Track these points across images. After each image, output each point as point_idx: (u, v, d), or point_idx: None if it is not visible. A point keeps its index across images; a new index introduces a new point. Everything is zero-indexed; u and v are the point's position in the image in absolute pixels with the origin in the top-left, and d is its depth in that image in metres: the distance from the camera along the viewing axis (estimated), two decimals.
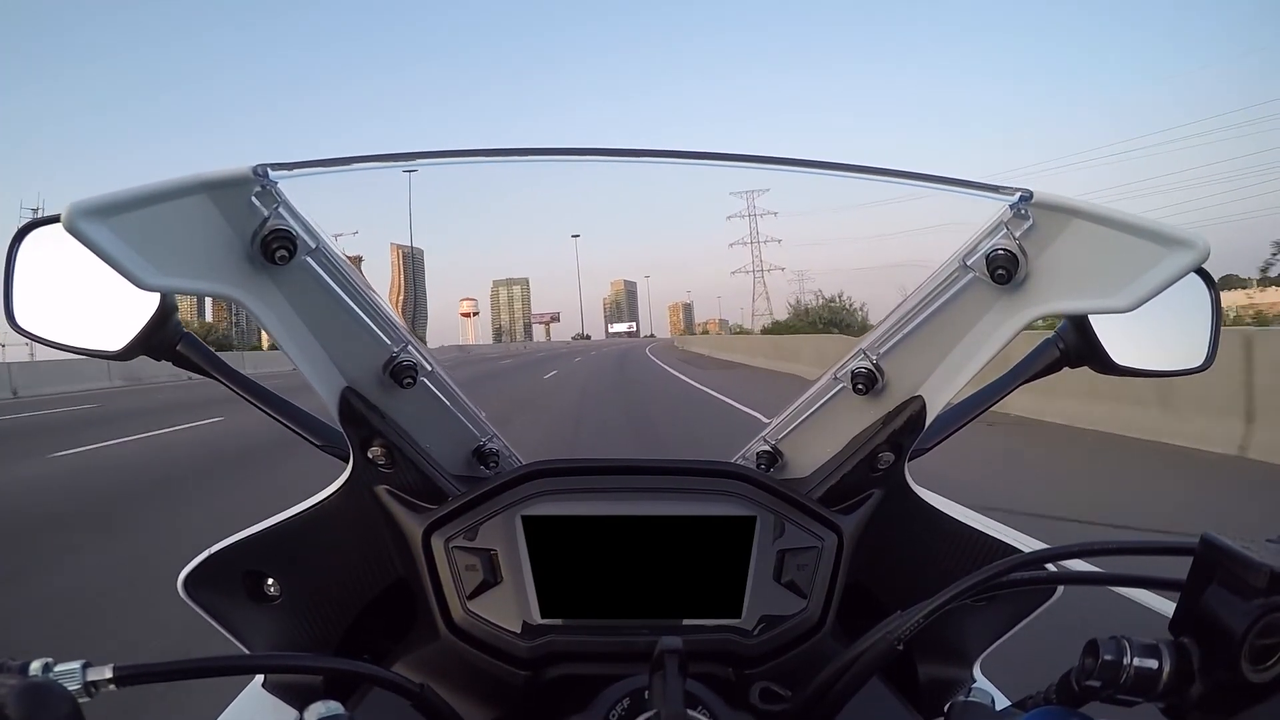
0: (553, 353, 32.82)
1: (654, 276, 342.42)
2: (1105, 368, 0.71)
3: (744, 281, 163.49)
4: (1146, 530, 3.78)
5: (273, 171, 0.56)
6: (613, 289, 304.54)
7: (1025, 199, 0.58)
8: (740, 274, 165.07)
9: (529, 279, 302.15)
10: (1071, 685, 0.47)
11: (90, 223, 0.47)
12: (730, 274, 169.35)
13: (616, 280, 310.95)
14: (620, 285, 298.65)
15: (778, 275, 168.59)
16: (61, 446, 7.81)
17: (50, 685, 0.38)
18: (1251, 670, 0.39)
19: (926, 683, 0.77)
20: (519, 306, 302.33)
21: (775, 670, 0.65)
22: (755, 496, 0.68)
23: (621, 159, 0.62)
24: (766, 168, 0.66)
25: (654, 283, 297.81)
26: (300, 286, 0.63)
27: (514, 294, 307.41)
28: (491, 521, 0.67)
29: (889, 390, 0.71)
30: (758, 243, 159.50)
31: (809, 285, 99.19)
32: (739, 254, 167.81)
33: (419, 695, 0.51)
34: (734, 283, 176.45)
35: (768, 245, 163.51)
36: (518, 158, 0.61)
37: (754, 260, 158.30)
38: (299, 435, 0.78)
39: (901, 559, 0.76)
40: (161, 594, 0.58)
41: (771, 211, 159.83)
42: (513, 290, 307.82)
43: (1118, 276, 0.56)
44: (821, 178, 0.63)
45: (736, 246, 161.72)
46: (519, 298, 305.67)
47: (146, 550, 4.00)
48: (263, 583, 0.76)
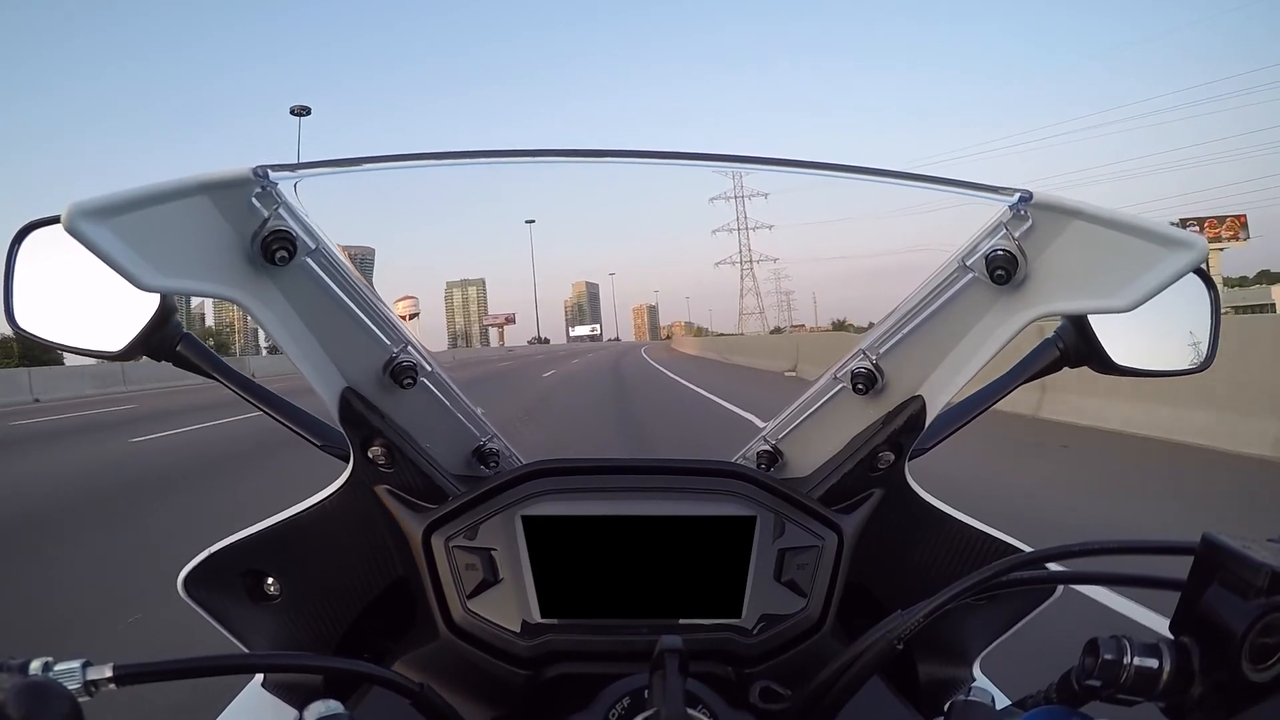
0: (490, 370, 23.65)
1: (618, 276, 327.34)
2: (1105, 368, 0.71)
3: (725, 278, 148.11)
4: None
5: (273, 172, 0.56)
6: (574, 291, 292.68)
7: (1025, 199, 0.59)
8: (725, 265, 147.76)
9: (485, 279, 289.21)
10: (1072, 684, 0.47)
11: (90, 223, 0.47)
12: (714, 265, 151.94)
13: (578, 282, 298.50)
14: (582, 287, 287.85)
15: (769, 269, 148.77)
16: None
17: (50, 684, 0.38)
18: (1252, 670, 0.39)
19: (926, 682, 0.77)
20: (474, 309, 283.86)
21: (775, 669, 0.65)
22: (755, 496, 0.68)
23: (594, 159, 0.62)
24: (761, 169, 0.66)
25: (618, 284, 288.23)
26: (300, 287, 0.63)
27: (469, 295, 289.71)
28: (491, 521, 0.67)
29: (889, 390, 0.71)
30: (745, 229, 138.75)
31: (807, 282, 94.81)
32: (723, 244, 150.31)
33: (419, 694, 0.51)
34: (710, 281, 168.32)
35: (757, 232, 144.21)
36: (505, 159, 0.61)
37: (741, 249, 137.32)
38: (299, 435, 0.78)
39: (901, 558, 0.76)
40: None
41: (761, 192, 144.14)
42: (468, 291, 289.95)
43: (1117, 277, 0.56)
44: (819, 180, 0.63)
45: (721, 234, 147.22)
46: (475, 299, 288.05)
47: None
48: (263, 582, 0.76)
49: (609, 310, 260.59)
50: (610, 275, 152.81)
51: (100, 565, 3.87)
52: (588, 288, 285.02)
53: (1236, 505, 4.23)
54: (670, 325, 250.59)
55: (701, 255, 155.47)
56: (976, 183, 0.60)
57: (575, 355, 44.53)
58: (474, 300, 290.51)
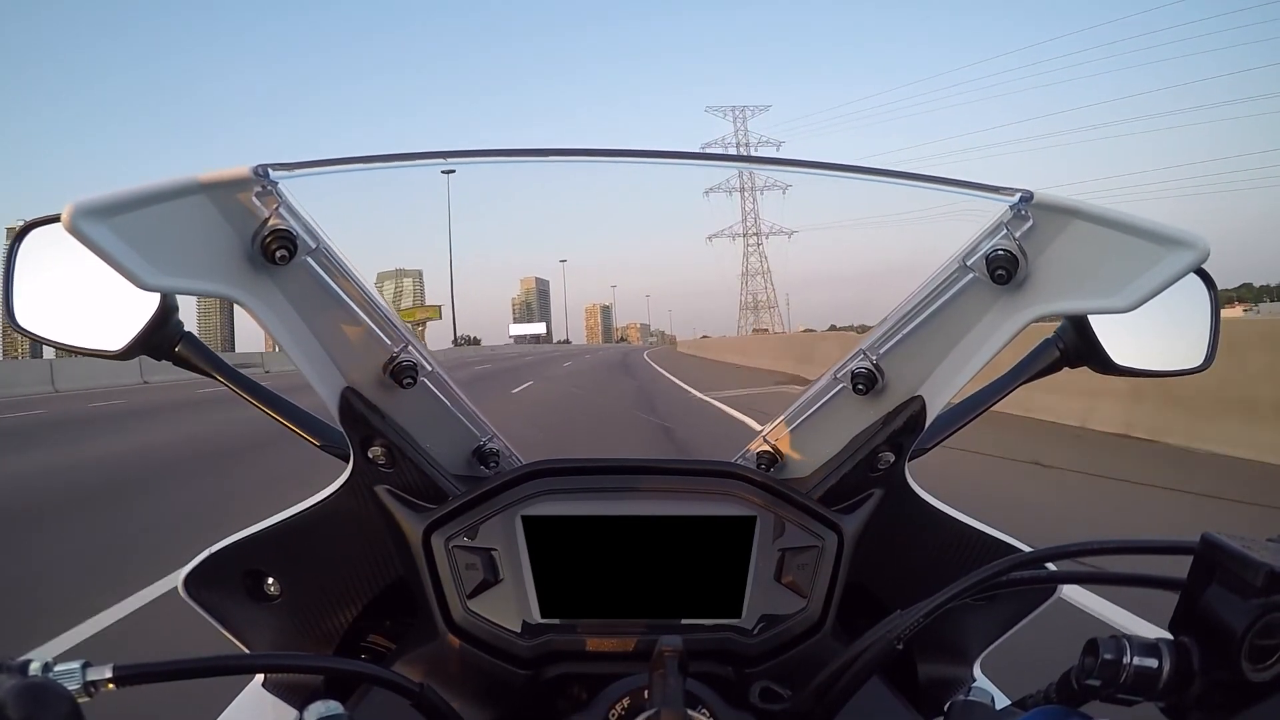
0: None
1: (573, 273, 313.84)
2: (1105, 368, 0.71)
3: (708, 274, 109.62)
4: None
5: (273, 171, 0.56)
6: (522, 287, 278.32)
7: (1025, 199, 0.59)
8: (720, 239, 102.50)
9: (422, 271, 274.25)
10: (1071, 684, 0.47)
11: (90, 222, 0.47)
12: (706, 239, 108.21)
13: (527, 278, 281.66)
14: (531, 283, 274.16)
15: (782, 245, 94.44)
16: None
17: (50, 685, 0.38)
18: (1251, 669, 0.39)
19: (926, 682, 0.77)
20: (410, 303, 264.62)
21: (775, 670, 0.65)
22: (755, 496, 0.68)
23: (596, 159, 0.62)
24: (761, 168, 0.66)
25: (571, 283, 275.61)
26: (300, 287, 0.63)
27: (404, 287, 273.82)
28: (491, 521, 0.67)
29: (889, 390, 0.71)
30: (753, 190, 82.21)
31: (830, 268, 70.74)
32: (720, 211, 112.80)
33: (419, 695, 0.51)
34: (692, 274, 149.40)
35: (767, 194, 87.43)
36: (503, 158, 0.61)
37: (745, 214, 78.71)
38: (299, 435, 0.78)
39: (901, 558, 0.76)
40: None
41: (774, 139, 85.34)
42: (402, 283, 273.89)
43: (1117, 276, 0.56)
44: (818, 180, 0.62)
45: (715, 195, 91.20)
46: (410, 292, 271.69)
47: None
48: (263, 582, 0.76)
49: (559, 309, 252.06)
50: (561, 263, 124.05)
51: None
52: (537, 284, 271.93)
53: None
54: (625, 327, 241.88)
55: (668, 254, 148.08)
56: (977, 182, 0.60)
57: (502, 364, 31.47)
58: (409, 293, 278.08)
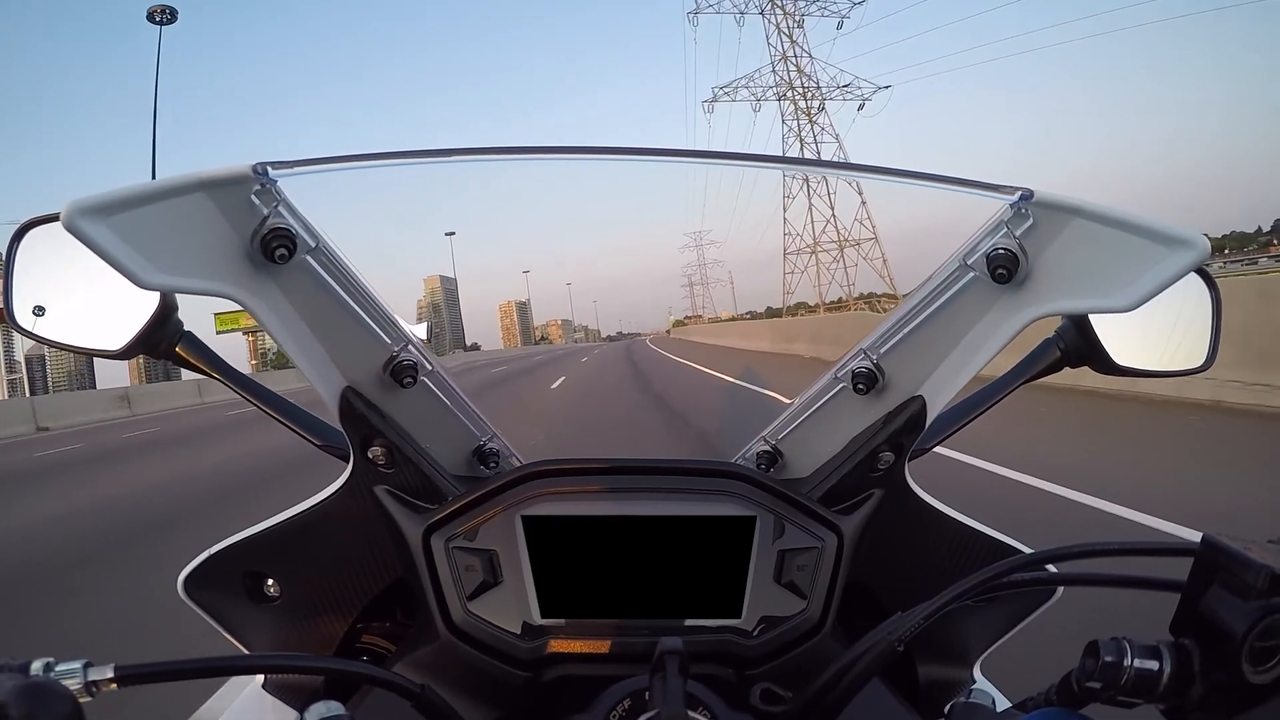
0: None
1: (487, 276, 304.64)
2: (1106, 367, 0.71)
3: (646, 258, 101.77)
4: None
5: (272, 170, 0.56)
6: (427, 287, 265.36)
7: (1026, 198, 0.58)
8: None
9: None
10: (1072, 686, 0.47)
11: (89, 221, 0.47)
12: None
13: (431, 277, 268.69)
14: (436, 283, 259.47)
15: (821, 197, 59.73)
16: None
17: (51, 684, 0.38)
18: (1252, 671, 0.39)
19: (927, 684, 0.77)
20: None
21: (776, 671, 0.65)
22: (755, 496, 0.68)
23: (587, 156, 0.61)
24: (760, 167, 0.66)
25: (488, 287, 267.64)
26: (300, 285, 0.63)
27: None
28: (491, 522, 0.67)
29: (889, 390, 0.71)
30: (795, 85, 53.11)
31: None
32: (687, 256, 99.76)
33: (419, 696, 0.51)
34: (621, 262, 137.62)
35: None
36: (502, 157, 0.60)
37: (798, 113, 50.69)
38: (299, 435, 0.78)
39: (902, 559, 0.76)
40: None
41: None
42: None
43: (1118, 276, 0.56)
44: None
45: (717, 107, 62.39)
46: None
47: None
48: (263, 583, 0.76)
49: (473, 312, 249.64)
50: (449, 235, 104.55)
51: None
52: (443, 282, 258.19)
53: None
54: (546, 325, 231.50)
55: (591, 244, 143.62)
56: (978, 180, 0.60)
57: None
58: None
